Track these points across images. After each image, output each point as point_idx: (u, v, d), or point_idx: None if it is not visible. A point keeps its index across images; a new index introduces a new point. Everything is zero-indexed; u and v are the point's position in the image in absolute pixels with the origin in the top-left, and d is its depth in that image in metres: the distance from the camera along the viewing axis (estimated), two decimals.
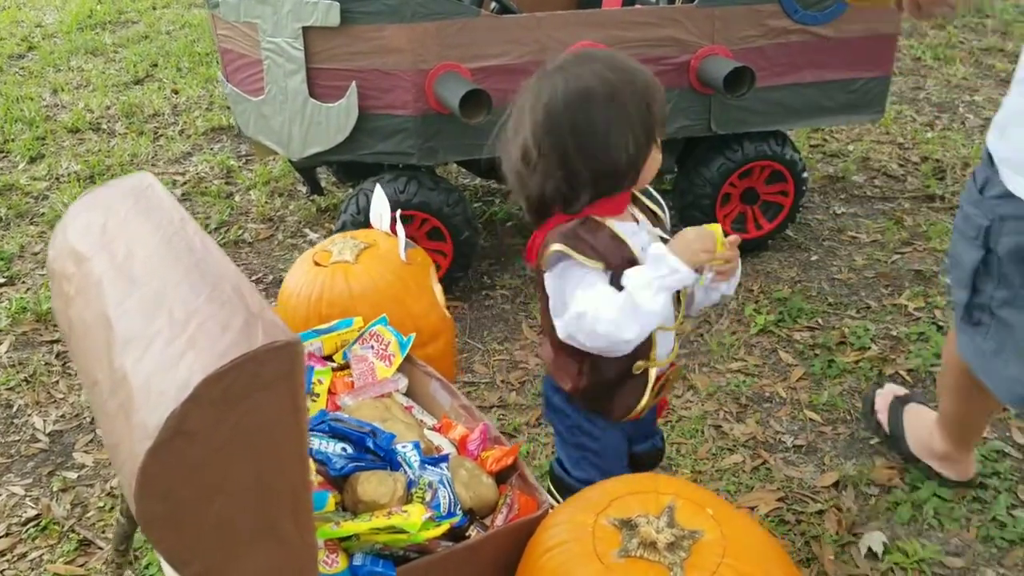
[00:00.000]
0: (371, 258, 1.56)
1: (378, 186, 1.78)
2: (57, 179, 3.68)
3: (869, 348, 2.48)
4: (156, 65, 5.01)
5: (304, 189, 3.37)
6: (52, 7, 6.30)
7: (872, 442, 2.16)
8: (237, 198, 3.49)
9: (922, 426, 2.05)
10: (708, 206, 2.83)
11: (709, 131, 2.71)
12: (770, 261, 2.93)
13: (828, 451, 2.14)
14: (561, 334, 1.40)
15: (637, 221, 1.47)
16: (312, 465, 1.19)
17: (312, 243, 3.13)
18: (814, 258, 2.94)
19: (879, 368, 2.39)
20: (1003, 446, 2.12)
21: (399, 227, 1.66)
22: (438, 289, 1.64)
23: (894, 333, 2.54)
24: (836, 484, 2.04)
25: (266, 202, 3.43)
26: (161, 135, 4.10)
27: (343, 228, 2.63)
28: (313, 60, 2.49)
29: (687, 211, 2.88)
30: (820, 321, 2.62)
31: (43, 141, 4.03)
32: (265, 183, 3.54)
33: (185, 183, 3.64)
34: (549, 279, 1.40)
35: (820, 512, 1.96)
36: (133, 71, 4.90)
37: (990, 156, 1.55)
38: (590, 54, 1.38)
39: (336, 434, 1.22)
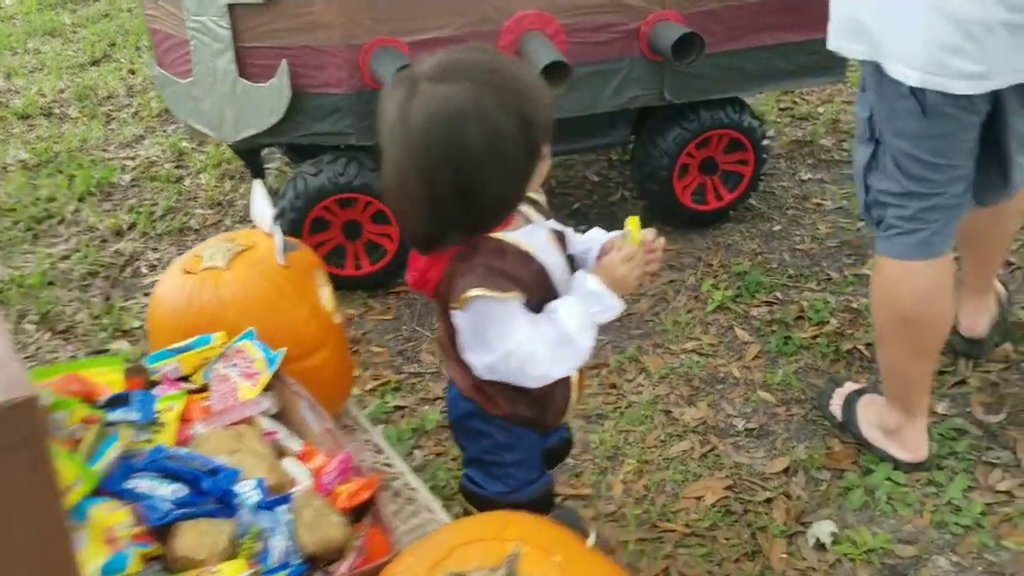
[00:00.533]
0: (245, 263, 1.45)
1: (257, 183, 1.66)
2: (4, 168, 3.57)
3: (828, 322, 2.39)
4: (114, 45, 4.88)
5: None
6: None
7: (826, 423, 2.07)
8: (187, 182, 3.39)
9: (873, 410, 1.98)
10: (665, 178, 2.72)
11: (663, 100, 2.59)
12: (731, 233, 2.82)
13: (780, 434, 2.06)
14: (482, 372, 1.32)
15: (529, 219, 1.37)
16: (125, 516, 1.07)
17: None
18: (777, 228, 2.84)
19: (836, 344, 2.30)
20: (962, 423, 2.03)
21: (276, 228, 1.56)
22: (326, 293, 1.53)
23: (854, 305, 2.45)
24: (786, 470, 1.95)
25: (215, 186, 3.32)
26: (114, 118, 3.98)
27: (282, 214, 2.53)
28: (241, 38, 2.38)
29: (645, 183, 2.78)
30: (779, 295, 2.52)
31: None
32: (216, 165, 3.43)
33: (135, 168, 3.53)
34: (462, 318, 1.29)
35: (768, 500, 1.88)
36: (90, 52, 4.77)
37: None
38: (458, 65, 1.22)
39: (169, 474, 1.11)
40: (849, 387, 2.09)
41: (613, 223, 2.85)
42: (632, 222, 1.33)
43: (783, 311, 2.44)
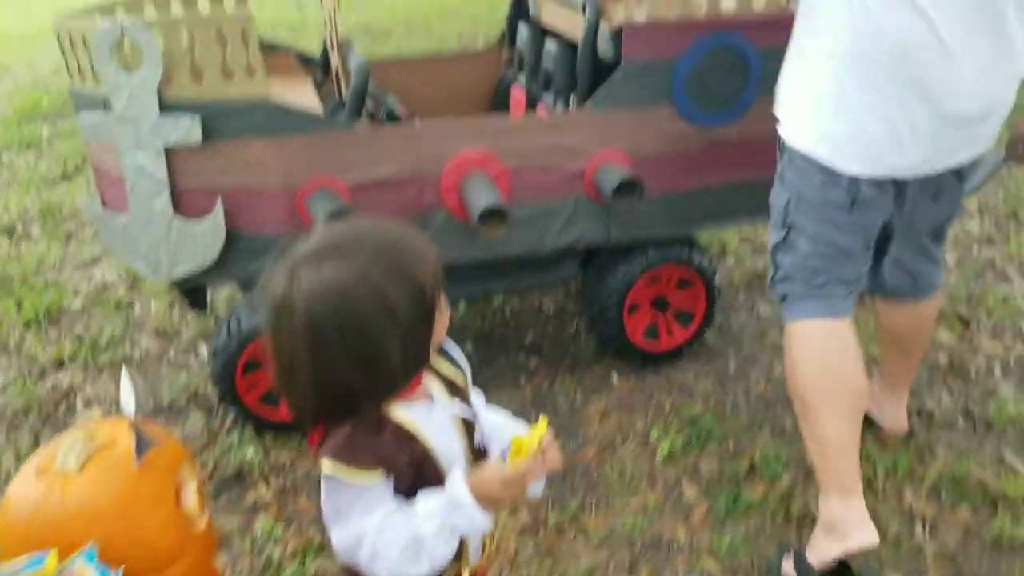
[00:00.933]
0: (99, 465, 1.35)
1: (124, 372, 1.58)
2: None
3: (780, 478, 2.28)
4: (87, 159, 4.88)
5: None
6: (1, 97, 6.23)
7: None
8: (137, 308, 3.31)
9: (816, 536, 1.96)
10: (615, 316, 2.64)
11: (609, 239, 2.54)
12: (685, 372, 2.73)
13: None
14: (336, 547, 1.21)
15: (432, 397, 1.28)
16: None
17: (204, 361, 2.95)
18: (732, 368, 2.75)
19: (787, 504, 2.18)
20: None
21: (135, 427, 1.47)
22: (191, 491, 1.43)
23: (807, 461, 2.33)
24: None
25: (164, 313, 3.25)
26: (74, 237, 3.94)
27: (215, 355, 2.45)
28: (177, 179, 2.33)
29: (595, 320, 2.70)
30: (731, 445, 2.41)
31: None
32: (168, 291, 3.37)
33: (87, 292, 3.46)
34: (323, 486, 1.20)
35: None
36: (62, 166, 4.77)
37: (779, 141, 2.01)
38: (337, 243, 1.16)
39: None
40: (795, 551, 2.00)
41: (567, 358, 2.80)
42: (533, 431, 1.22)
43: (734, 465, 2.33)
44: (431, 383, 1.29)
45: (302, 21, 8.12)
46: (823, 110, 1.87)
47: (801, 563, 1.94)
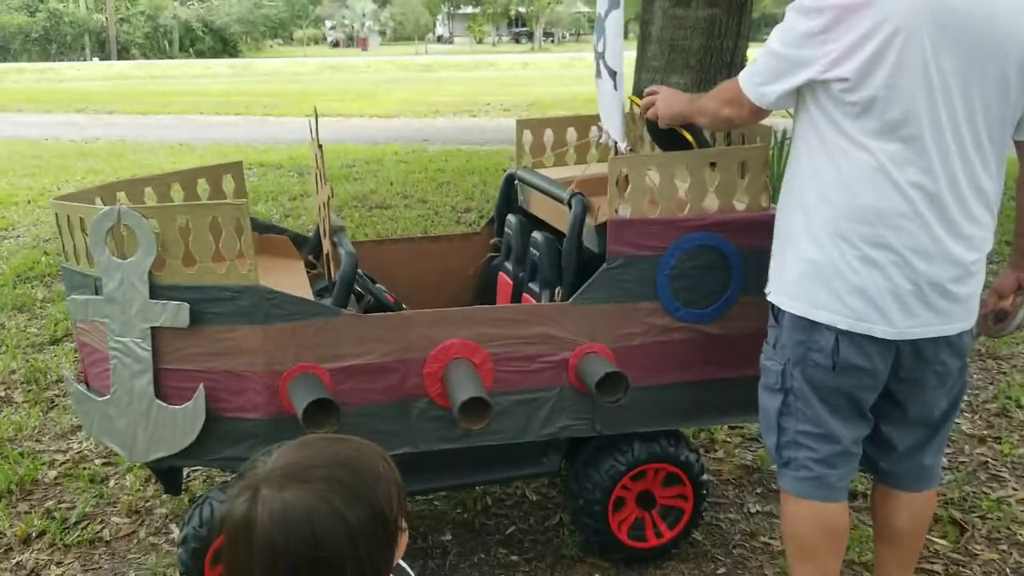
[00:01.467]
0: None
1: None
2: None
3: None
4: None
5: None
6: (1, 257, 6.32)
7: None
8: (111, 483, 3.24)
9: None
10: (599, 512, 2.58)
11: (594, 431, 2.52)
12: (673, 574, 2.64)
13: None
14: None
15: None
16: None
17: (175, 544, 2.84)
18: (721, 571, 2.65)
19: None
20: None
21: None
22: None
23: None
24: None
25: (138, 490, 3.17)
26: (56, 404, 3.90)
27: (184, 542, 2.37)
28: (161, 361, 2.33)
29: (578, 515, 2.63)
30: None
31: None
32: (143, 466, 3.29)
33: (64, 463, 3.39)
34: None
35: None
36: (52, 330, 4.78)
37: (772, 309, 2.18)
38: (299, 466, 1.15)
39: None
40: None
41: (548, 554, 2.71)
42: None
43: None
44: None
45: (303, 190, 8.38)
46: None
47: None
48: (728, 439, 3.43)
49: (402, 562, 1.31)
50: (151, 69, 34.83)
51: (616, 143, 2.79)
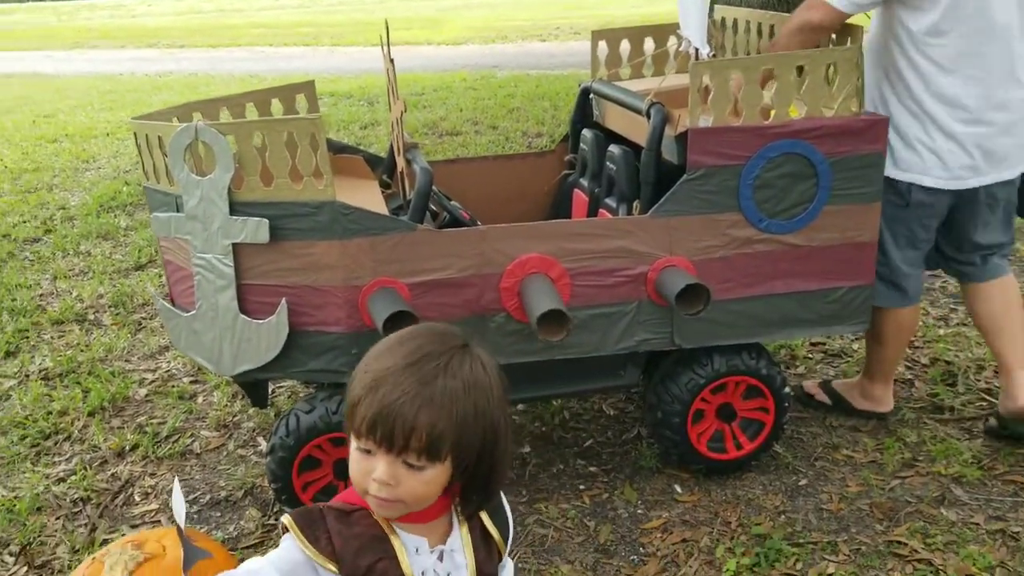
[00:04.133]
0: (148, 575, 1.33)
1: (176, 482, 1.56)
2: (26, 377, 3.59)
3: None
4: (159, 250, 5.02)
5: None
6: (81, 188, 6.49)
7: None
8: (199, 399, 3.34)
9: (851, 386, 2.96)
10: (678, 424, 2.56)
11: (672, 345, 2.48)
12: (753, 485, 2.62)
13: None
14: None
15: (445, 541, 1.22)
16: None
17: (262, 455, 2.94)
18: (803, 482, 2.63)
19: None
20: None
21: (183, 537, 1.44)
22: None
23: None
24: None
25: (226, 405, 3.26)
26: (144, 326, 4.02)
27: (272, 451, 2.44)
28: (243, 276, 2.36)
29: (657, 428, 2.62)
30: (801, 566, 2.28)
31: (24, 334, 3.97)
32: (230, 383, 3.39)
33: (153, 381, 3.51)
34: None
35: None
36: (136, 256, 4.91)
37: None
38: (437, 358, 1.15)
39: None
40: (811, 382, 3.07)
41: (627, 466, 2.71)
42: None
43: None
44: (461, 529, 1.24)
45: (373, 119, 8.38)
46: None
47: (828, 390, 3.00)
48: (809, 355, 3.36)
49: (504, 505, 1.31)
50: (220, 3, 35.01)
51: (697, 49, 2.69)
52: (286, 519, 1.15)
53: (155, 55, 16.80)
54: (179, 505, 1.41)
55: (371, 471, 1.11)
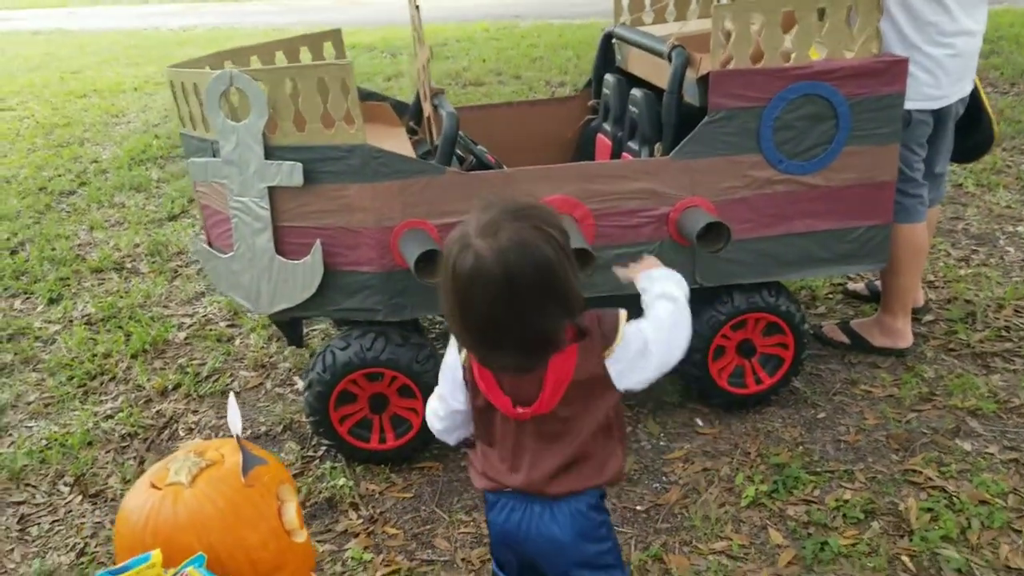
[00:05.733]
0: (209, 480, 1.43)
1: (232, 396, 1.67)
2: (70, 322, 3.73)
3: (869, 526, 2.23)
4: (192, 201, 5.13)
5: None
6: (112, 142, 6.61)
7: None
8: (237, 342, 3.47)
9: (870, 324, 3.04)
10: (700, 360, 2.65)
11: (694, 283, 2.55)
12: (772, 418, 2.71)
13: None
14: (649, 380, 1.53)
15: None
16: None
17: (299, 392, 3.06)
18: (821, 415, 2.71)
19: (876, 551, 2.14)
20: None
21: (241, 444, 1.55)
22: (291, 510, 1.50)
23: (900, 507, 2.29)
24: None
25: (262, 347, 3.39)
26: (180, 274, 4.15)
27: (310, 386, 2.55)
28: (279, 218, 2.46)
29: (680, 364, 2.70)
30: (818, 492, 2.38)
31: (66, 282, 4.11)
32: (265, 326, 3.51)
33: (191, 325, 3.64)
34: (622, 348, 1.49)
35: None
36: (169, 207, 5.03)
37: None
38: (501, 214, 1.37)
39: None
40: (830, 324, 3.14)
41: (650, 400, 2.80)
42: None
43: (822, 512, 2.30)
44: None
45: (396, 71, 8.40)
46: None
47: (846, 330, 3.07)
48: (830, 296, 3.42)
49: None
50: None
51: None
52: (623, 314, 1.54)
53: (178, 9, 16.82)
54: (235, 418, 1.52)
55: None
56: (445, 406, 1.60)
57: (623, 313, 1.51)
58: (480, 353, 1.46)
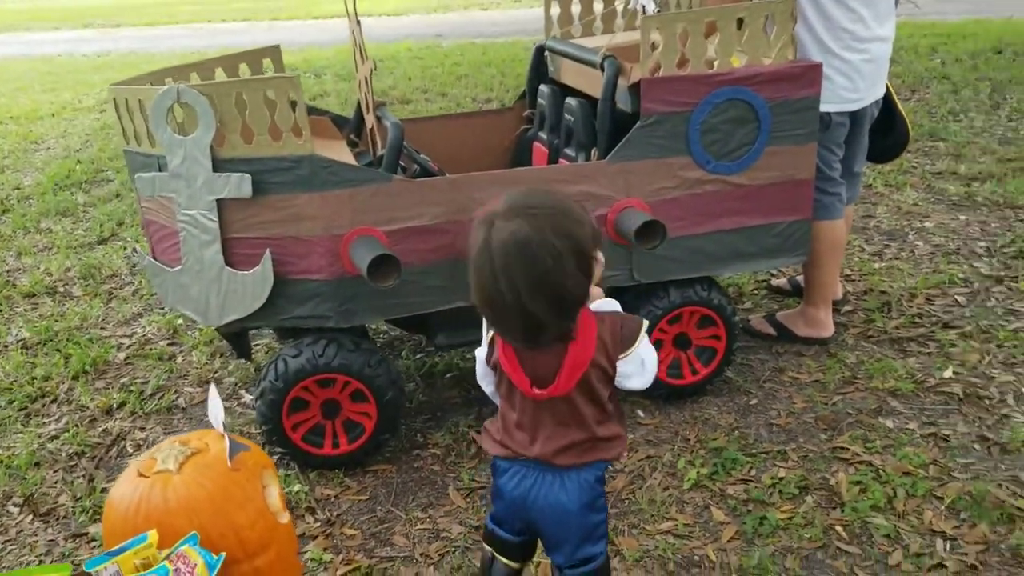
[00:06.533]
0: (195, 466, 1.49)
1: (212, 387, 1.73)
2: (5, 347, 3.67)
3: (804, 501, 2.38)
4: (122, 224, 5.09)
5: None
6: (34, 168, 6.48)
7: None
8: (179, 360, 3.47)
9: (794, 316, 3.24)
10: None
11: (633, 280, 2.69)
12: (708, 407, 2.85)
13: None
14: (641, 386, 1.65)
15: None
16: None
17: (247, 405, 3.09)
18: (753, 402, 2.87)
19: (811, 522, 2.29)
20: None
21: (224, 431, 1.61)
22: (274, 493, 1.56)
23: (831, 482, 2.45)
24: None
25: (205, 363, 3.40)
26: (115, 296, 4.11)
27: (262, 395, 2.59)
28: (228, 230, 2.50)
29: None
30: (755, 472, 2.52)
31: None
32: (208, 343, 3.52)
33: (131, 346, 3.62)
34: (634, 357, 1.60)
35: None
36: (99, 231, 4.97)
37: None
38: (527, 204, 1.48)
39: None
40: (756, 317, 3.30)
41: None
42: None
43: (759, 489, 2.44)
44: None
45: (321, 90, 8.43)
46: None
47: (772, 321, 3.26)
48: (756, 291, 3.61)
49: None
50: None
51: (644, 7, 2.88)
52: (646, 325, 1.66)
53: (91, 35, 16.46)
54: (217, 409, 1.57)
55: None
56: (486, 382, 1.77)
57: (645, 323, 1.63)
58: (490, 323, 1.59)
